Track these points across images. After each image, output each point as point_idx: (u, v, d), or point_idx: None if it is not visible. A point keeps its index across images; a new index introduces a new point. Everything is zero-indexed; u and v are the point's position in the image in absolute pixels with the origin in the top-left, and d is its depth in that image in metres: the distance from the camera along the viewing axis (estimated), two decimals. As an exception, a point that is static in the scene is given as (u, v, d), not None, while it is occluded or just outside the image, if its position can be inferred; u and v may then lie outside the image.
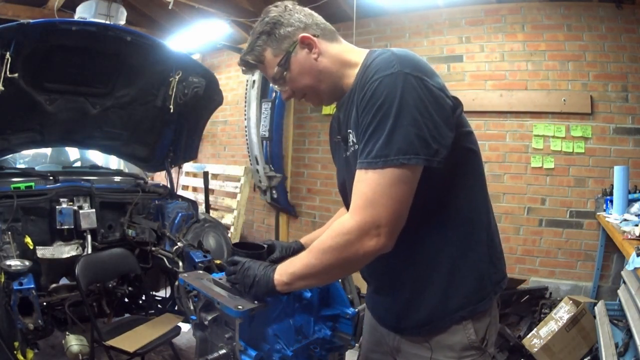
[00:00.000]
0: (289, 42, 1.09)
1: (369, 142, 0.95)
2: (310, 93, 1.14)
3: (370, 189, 0.93)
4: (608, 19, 3.34)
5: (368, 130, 0.95)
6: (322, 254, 0.98)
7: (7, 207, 2.48)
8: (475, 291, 1.08)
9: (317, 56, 1.09)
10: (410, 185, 0.95)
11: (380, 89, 0.94)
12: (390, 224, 0.94)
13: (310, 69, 1.10)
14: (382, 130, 0.93)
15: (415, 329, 1.11)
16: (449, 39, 3.91)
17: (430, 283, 1.08)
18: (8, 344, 1.87)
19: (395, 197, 0.93)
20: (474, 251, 1.09)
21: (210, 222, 3.17)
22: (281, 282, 1.04)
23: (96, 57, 2.67)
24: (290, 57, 1.09)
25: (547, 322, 2.74)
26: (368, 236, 0.94)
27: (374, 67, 0.98)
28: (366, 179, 0.94)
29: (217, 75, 3.34)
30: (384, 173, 0.92)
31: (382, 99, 0.93)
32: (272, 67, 1.11)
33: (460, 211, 1.07)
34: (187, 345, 3.17)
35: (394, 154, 0.91)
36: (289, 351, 1.19)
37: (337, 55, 1.11)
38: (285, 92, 1.17)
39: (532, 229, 3.59)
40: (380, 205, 0.93)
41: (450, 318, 1.07)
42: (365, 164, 0.95)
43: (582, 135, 3.41)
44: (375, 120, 0.94)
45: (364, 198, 0.94)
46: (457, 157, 1.02)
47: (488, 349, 1.10)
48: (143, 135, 3.34)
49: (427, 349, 1.09)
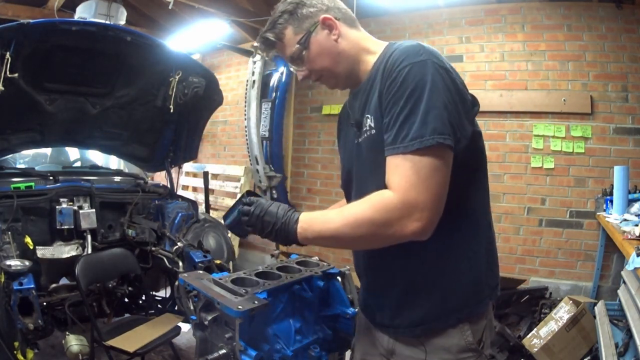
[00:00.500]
0: (310, 22, 1.11)
1: (404, 126, 0.94)
2: (326, 74, 1.15)
3: (413, 172, 0.92)
4: (608, 19, 3.34)
5: (401, 115, 0.95)
6: (357, 226, 0.96)
7: (7, 207, 2.48)
8: (473, 294, 1.07)
9: (337, 38, 1.11)
10: (447, 170, 0.94)
11: (412, 74, 0.95)
12: (433, 209, 0.93)
13: (329, 50, 1.11)
14: (415, 114, 0.93)
15: (408, 328, 1.09)
16: (449, 39, 3.91)
17: (428, 282, 1.07)
18: (8, 344, 1.87)
19: (437, 182, 0.93)
20: (475, 253, 1.08)
21: (210, 222, 3.17)
22: (304, 236, 1.02)
23: (96, 57, 2.67)
24: (311, 37, 1.11)
25: (547, 322, 2.74)
26: (411, 219, 0.92)
27: (401, 53, 0.99)
28: (405, 162, 0.93)
29: (217, 75, 3.35)
30: (423, 155, 0.92)
31: (414, 85, 0.94)
32: (292, 46, 1.13)
33: (468, 211, 1.08)
34: (187, 345, 3.17)
35: (429, 134, 0.91)
36: (289, 351, 1.19)
37: (356, 41, 1.13)
38: (301, 72, 1.18)
39: (532, 229, 3.60)
40: (424, 190, 0.92)
41: (446, 320, 1.06)
42: (402, 148, 0.94)
43: (582, 135, 3.41)
44: (409, 105, 0.94)
45: (409, 180, 0.92)
46: (470, 157, 1.03)
47: (484, 351, 1.10)
48: (143, 135, 3.34)
49: (422, 351, 1.08)
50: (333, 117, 4.62)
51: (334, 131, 5.18)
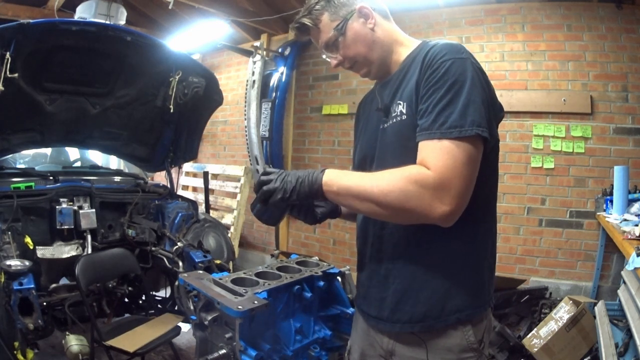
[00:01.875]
0: (346, 10, 1.14)
1: (442, 114, 0.96)
2: (361, 61, 1.17)
3: (450, 157, 0.93)
4: (608, 19, 3.34)
5: (440, 103, 0.97)
6: (389, 190, 0.95)
7: (7, 207, 2.48)
8: (475, 296, 1.08)
9: (373, 26, 1.14)
10: (478, 165, 0.97)
11: (454, 68, 0.98)
12: (464, 197, 0.94)
13: (365, 38, 1.14)
14: (456, 103, 0.96)
15: (408, 323, 1.08)
16: (449, 39, 3.85)
17: (433, 279, 1.06)
18: (8, 344, 1.87)
19: (470, 172, 0.95)
20: (482, 257, 1.09)
21: (210, 222, 3.17)
22: (330, 188, 1.02)
23: (96, 57, 2.67)
24: (347, 24, 1.13)
25: (547, 322, 2.74)
26: (441, 200, 0.92)
27: (442, 49, 1.02)
28: (443, 148, 0.94)
29: (217, 75, 3.35)
30: (460, 144, 0.93)
31: (456, 77, 0.97)
32: (328, 32, 1.15)
33: (484, 215, 1.10)
34: (187, 345, 3.17)
35: (468, 125, 0.94)
36: (289, 351, 1.19)
37: (390, 32, 1.17)
38: (334, 59, 1.19)
39: (532, 229, 3.59)
40: (459, 176, 0.93)
41: (446, 319, 1.05)
42: (439, 134, 0.95)
43: (582, 135, 3.41)
44: (449, 94, 0.96)
45: (445, 163, 0.93)
46: (490, 160, 1.05)
47: (484, 351, 1.10)
48: (143, 135, 3.34)
49: (423, 351, 1.07)
50: (333, 117, 4.62)
51: (334, 131, 5.18)
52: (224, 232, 3.20)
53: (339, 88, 4.57)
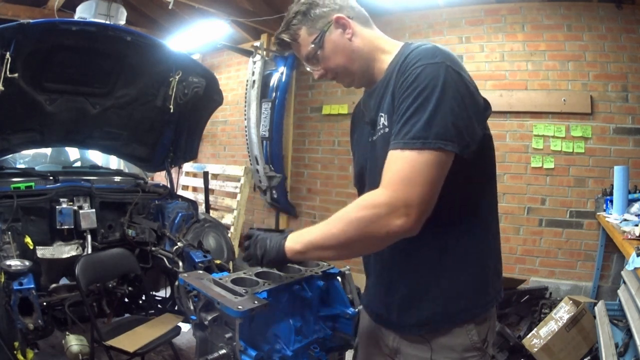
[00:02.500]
0: (323, 22, 1.12)
1: (407, 123, 0.95)
2: (342, 73, 1.16)
3: (407, 167, 0.93)
4: (608, 19, 3.34)
5: (407, 112, 0.96)
6: (345, 225, 0.96)
7: (7, 207, 2.48)
8: (480, 297, 1.08)
9: (351, 36, 1.12)
10: (443, 172, 0.95)
11: (424, 75, 0.96)
12: (421, 205, 0.93)
13: (343, 48, 1.12)
14: (422, 113, 0.94)
15: (415, 327, 1.10)
16: (449, 38, 3.91)
17: (438, 283, 1.07)
18: (8, 344, 1.87)
19: (429, 179, 0.93)
20: (485, 258, 1.10)
21: (210, 222, 3.16)
22: (293, 249, 1.03)
23: (96, 57, 2.67)
24: (325, 36, 1.12)
25: (547, 322, 2.74)
26: (397, 214, 0.92)
27: (417, 55, 1.00)
28: (402, 158, 0.94)
29: (217, 75, 3.35)
30: (421, 154, 0.92)
31: (424, 84, 0.95)
32: (306, 46, 1.14)
33: (482, 216, 1.09)
34: (187, 345, 3.17)
35: (432, 137, 0.92)
36: (289, 351, 1.19)
37: (370, 39, 1.15)
38: (317, 72, 1.19)
39: (532, 229, 3.60)
40: (415, 185, 0.92)
41: (452, 321, 1.06)
42: (402, 144, 0.94)
43: (582, 135, 3.41)
44: (416, 103, 0.95)
45: (399, 175, 0.93)
46: (482, 160, 1.04)
47: (488, 351, 1.11)
48: (143, 135, 3.34)
49: (427, 350, 1.08)
50: (333, 117, 4.62)
51: (334, 131, 5.18)
52: (224, 232, 3.19)
53: (339, 88, 4.57)
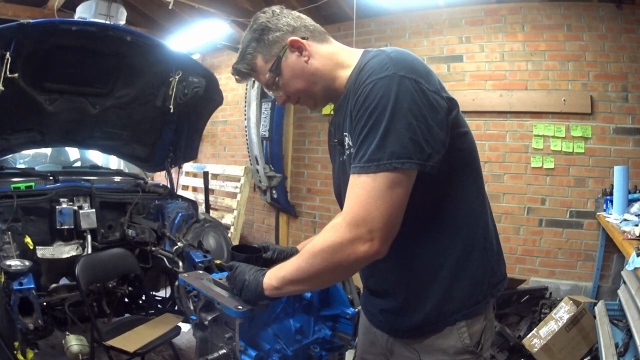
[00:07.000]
0: (278, 47, 1.08)
1: (362, 146, 0.93)
2: (303, 96, 1.13)
3: (364, 192, 0.91)
4: (608, 19, 3.34)
5: (362, 134, 0.93)
6: (312, 258, 0.96)
7: (7, 207, 2.48)
8: (471, 295, 1.07)
9: (308, 59, 1.08)
10: (404, 190, 0.92)
11: (374, 92, 0.92)
12: (383, 228, 0.91)
13: (302, 72, 1.08)
14: (375, 134, 0.91)
15: (407, 332, 1.10)
16: (449, 38, 3.91)
17: (425, 289, 1.06)
18: (8, 344, 1.87)
19: (389, 201, 0.90)
20: (470, 257, 1.07)
21: (210, 222, 3.17)
22: (270, 286, 1.02)
23: (96, 57, 2.67)
24: (281, 62, 1.08)
25: (547, 322, 2.74)
26: (361, 241, 0.91)
27: (368, 70, 0.96)
28: (359, 183, 0.92)
29: (217, 75, 3.34)
30: (377, 177, 0.90)
31: (375, 103, 0.91)
32: (264, 74, 1.10)
33: (457, 216, 1.06)
34: (187, 345, 3.17)
35: (386, 157, 0.89)
36: (289, 351, 1.19)
37: (329, 56, 1.10)
38: (280, 98, 1.16)
39: (532, 229, 3.59)
40: (374, 209, 0.90)
41: (444, 321, 1.06)
42: (358, 169, 0.93)
43: (582, 135, 3.41)
44: (369, 124, 0.92)
45: (358, 202, 0.92)
46: (452, 160, 1.00)
47: (483, 354, 1.09)
48: (143, 135, 3.34)
49: (418, 352, 1.09)
50: (333, 117, 4.62)
51: (334, 131, 5.17)
52: (224, 232, 3.19)
53: (339, 88, 4.57)
